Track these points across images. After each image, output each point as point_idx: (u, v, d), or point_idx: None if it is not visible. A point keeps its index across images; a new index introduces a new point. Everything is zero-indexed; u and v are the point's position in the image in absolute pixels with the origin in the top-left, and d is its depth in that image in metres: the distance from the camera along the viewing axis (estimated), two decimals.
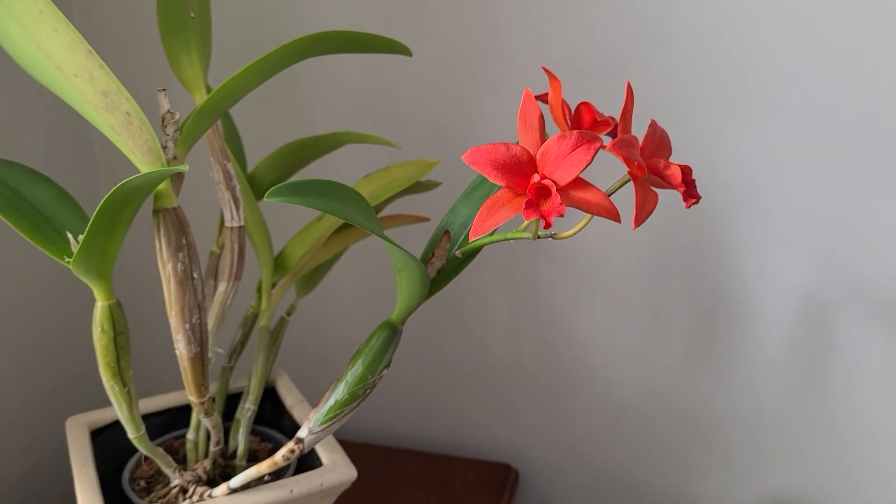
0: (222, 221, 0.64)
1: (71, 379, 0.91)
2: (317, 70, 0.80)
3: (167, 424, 0.66)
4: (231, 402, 0.67)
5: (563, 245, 0.81)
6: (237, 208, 0.59)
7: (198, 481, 0.57)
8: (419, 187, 0.66)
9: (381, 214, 0.68)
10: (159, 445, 0.65)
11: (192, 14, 0.58)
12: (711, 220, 0.76)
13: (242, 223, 0.59)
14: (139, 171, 0.46)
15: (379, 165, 0.68)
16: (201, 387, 0.51)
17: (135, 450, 0.64)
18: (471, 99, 0.79)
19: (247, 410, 0.62)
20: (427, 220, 0.69)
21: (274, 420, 0.68)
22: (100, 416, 0.64)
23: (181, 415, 0.66)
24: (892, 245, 0.71)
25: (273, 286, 0.65)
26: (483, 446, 0.90)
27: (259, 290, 0.65)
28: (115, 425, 0.65)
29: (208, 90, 0.59)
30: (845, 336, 0.75)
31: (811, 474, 0.80)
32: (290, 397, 0.67)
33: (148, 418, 0.64)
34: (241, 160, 0.67)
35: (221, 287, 0.60)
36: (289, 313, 0.68)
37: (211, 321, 0.60)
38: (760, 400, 0.80)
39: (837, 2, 0.66)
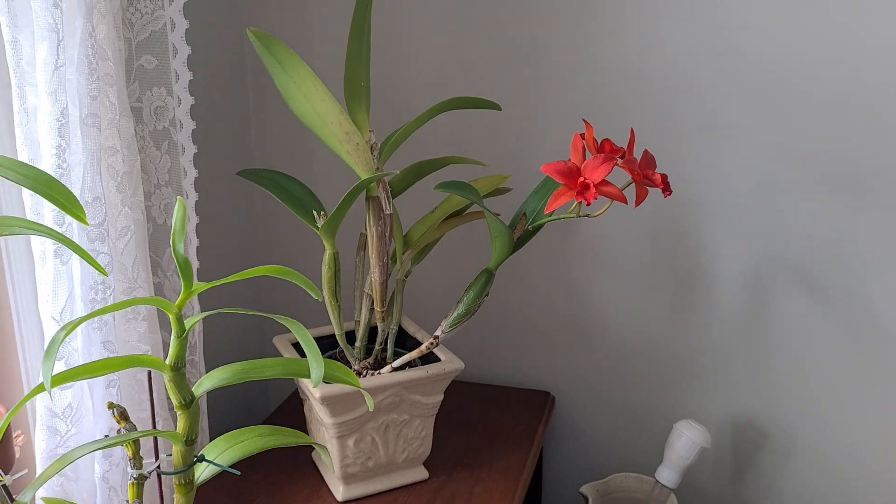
0: (366, 213, 1.00)
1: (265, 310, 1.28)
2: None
3: (333, 344, 1.01)
4: (373, 332, 1.02)
5: (585, 233, 1.17)
6: (389, 202, 0.95)
7: (367, 367, 0.93)
8: (496, 192, 1.03)
9: (470, 210, 1.04)
10: (330, 355, 1.01)
11: (363, 84, 0.95)
12: (684, 215, 1.12)
13: (391, 211, 0.95)
14: (359, 178, 0.82)
15: (462, 178, 1.04)
16: (384, 300, 0.88)
17: None
18: (524, 134, 1.16)
19: (392, 328, 0.97)
20: (498, 214, 1.05)
21: (400, 343, 1.03)
22: (293, 336, 1.00)
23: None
24: (809, 232, 1.07)
25: (403, 254, 1.01)
26: (528, 379, 1.25)
27: (393, 257, 1.01)
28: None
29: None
30: (777, 297, 1.11)
31: (755, 394, 1.15)
32: (412, 327, 1.03)
33: (322, 339, 1.00)
34: None
35: None
36: (406, 276, 1.04)
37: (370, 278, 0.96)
38: (721, 341, 1.15)
39: (769, 54, 1.03)
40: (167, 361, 0.56)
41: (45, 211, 0.75)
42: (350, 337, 0.99)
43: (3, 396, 0.85)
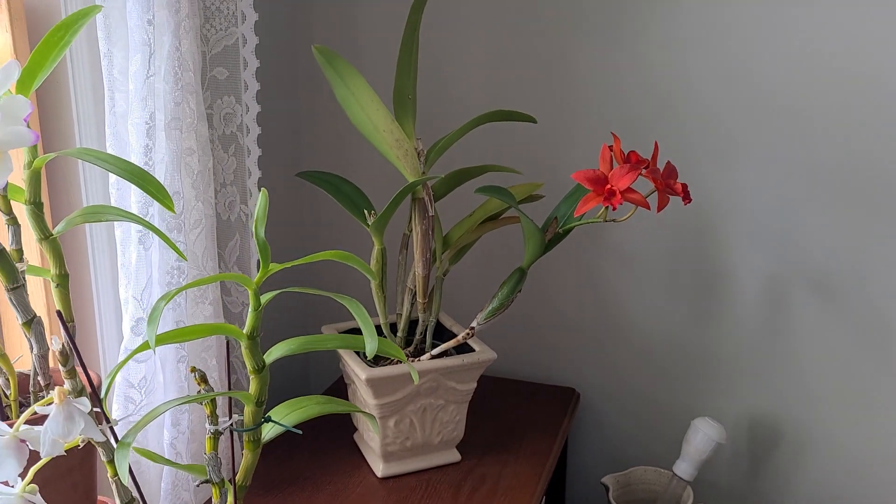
0: (411, 213, 1.09)
1: (309, 304, 1.37)
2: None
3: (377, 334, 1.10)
4: (412, 326, 1.11)
5: (613, 239, 1.25)
6: (432, 204, 1.04)
7: (408, 355, 1.02)
8: (530, 198, 1.11)
9: (505, 215, 1.13)
10: None
11: (410, 96, 1.04)
12: (707, 224, 1.20)
13: (434, 213, 1.04)
14: (404, 181, 0.91)
15: (499, 185, 1.12)
16: (425, 292, 0.96)
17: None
18: (557, 146, 1.24)
19: (431, 321, 1.06)
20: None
21: (437, 337, 1.11)
22: (340, 325, 1.09)
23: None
24: (819, 241, 1.14)
25: (442, 254, 1.09)
26: (556, 376, 1.33)
27: (434, 255, 1.09)
28: (347, 332, 1.09)
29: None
30: (792, 302, 1.18)
31: (771, 394, 1.22)
32: (448, 321, 1.11)
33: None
34: None
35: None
36: (444, 274, 1.12)
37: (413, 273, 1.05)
38: (738, 343, 1.22)
39: (786, 76, 1.11)
40: (244, 331, 0.65)
41: (130, 203, 0.85)
42: (392, 329, 1.08)
43: None
